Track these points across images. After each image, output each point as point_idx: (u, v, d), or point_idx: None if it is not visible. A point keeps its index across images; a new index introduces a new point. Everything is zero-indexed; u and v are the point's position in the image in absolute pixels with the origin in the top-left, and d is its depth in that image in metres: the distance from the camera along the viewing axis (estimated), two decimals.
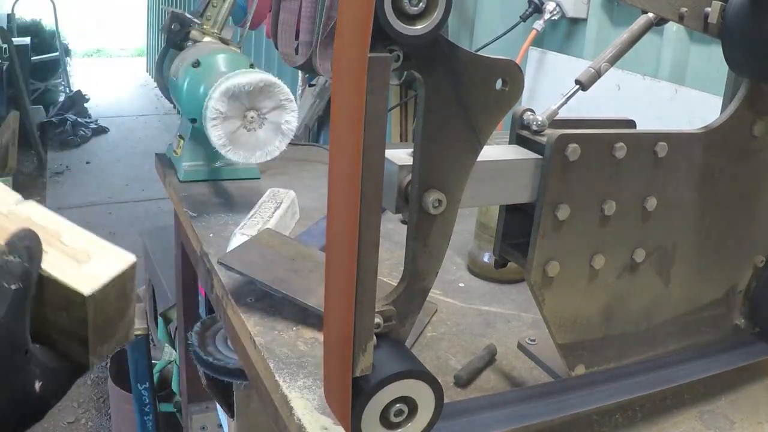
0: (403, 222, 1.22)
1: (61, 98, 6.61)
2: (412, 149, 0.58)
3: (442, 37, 0.54)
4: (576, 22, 1.82)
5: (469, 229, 1.11)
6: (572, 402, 0.70)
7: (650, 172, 0.68)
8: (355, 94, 0.49)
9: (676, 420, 0.75)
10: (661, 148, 0.67)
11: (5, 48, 5.19)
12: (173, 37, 1.36)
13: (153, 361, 2.11)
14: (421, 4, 0.51)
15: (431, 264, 0.60)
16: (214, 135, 1.10)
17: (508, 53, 1.47)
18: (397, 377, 0.57)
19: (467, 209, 0.66)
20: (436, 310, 0.96)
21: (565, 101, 0.73)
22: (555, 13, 1.78)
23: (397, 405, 0.58)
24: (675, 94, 1.46)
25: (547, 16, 1.78)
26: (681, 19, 0.68)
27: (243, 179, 1.38)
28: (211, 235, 1.12)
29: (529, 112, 0.67)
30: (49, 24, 6.99)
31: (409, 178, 0.58)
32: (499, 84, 0.58)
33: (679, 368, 0.76)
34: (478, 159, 0.59)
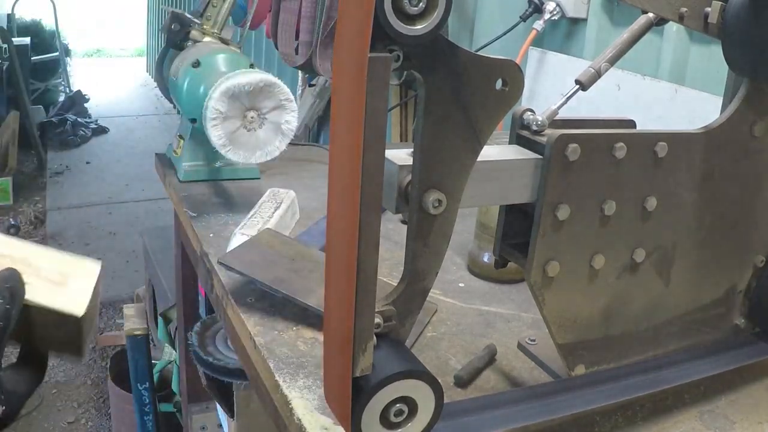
0: (403, 222, 1.22)
1: (61, 98, 6.61)
2: (412, 149, 0.58)
3: (442, 37, 0.54)
4: (576, 22, 1.81)
5: (469, 229, 1.11)
6: (572, 402, 0.70)
7: (650, 172, 0.68)
8: (355, 94, 0.49)
9: (677, 420, 0.75)
10: (661, 148, 0.67)
11: (5, 48, 5.19)
12: (173, 37, 1.36)
13: (153, 361, 2.11)
14: (421, 4, 0.51)
15: (431, 264, 0.60)
16: (214, 135, 1.10)
17: (508, 53, 1.47)
18: (397, 377, 0.57)
19: (467, 209, 0.66)
20: (436, 310, 0.96)
21: (565, 101, 0.73)
22: (555, 13, 1.78)
23: (397, 405, 0.58)
24: (675, 94, 1.46)
25: (547, 16, 1.78)
26: (681, 19, 0.68)
27: (243, 179, 1.38)
28: (211, 235, 1.12)
29: (529, 112, 0.67)
30: (49, 24, 6.98)
31: (409, 178, 0.58)
32: (499, 84, 0.58)
33: (679, 368, 0.76)
34: (478, 159, 0.59)
